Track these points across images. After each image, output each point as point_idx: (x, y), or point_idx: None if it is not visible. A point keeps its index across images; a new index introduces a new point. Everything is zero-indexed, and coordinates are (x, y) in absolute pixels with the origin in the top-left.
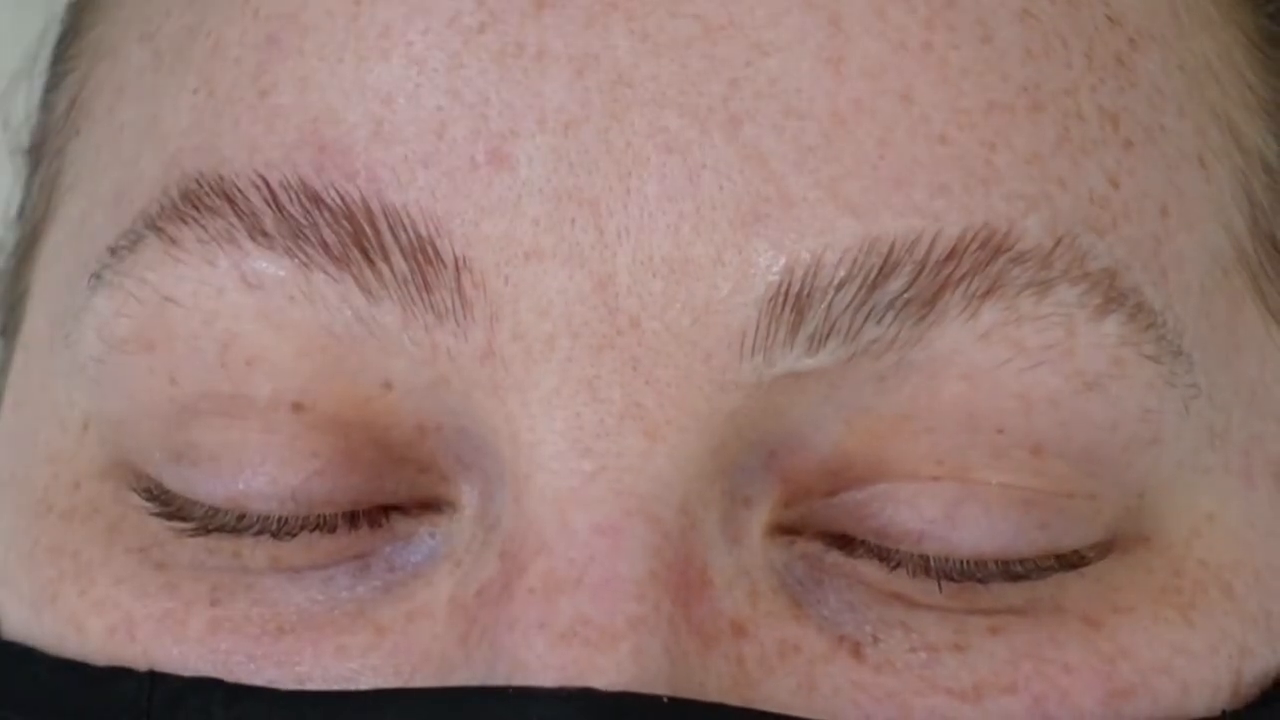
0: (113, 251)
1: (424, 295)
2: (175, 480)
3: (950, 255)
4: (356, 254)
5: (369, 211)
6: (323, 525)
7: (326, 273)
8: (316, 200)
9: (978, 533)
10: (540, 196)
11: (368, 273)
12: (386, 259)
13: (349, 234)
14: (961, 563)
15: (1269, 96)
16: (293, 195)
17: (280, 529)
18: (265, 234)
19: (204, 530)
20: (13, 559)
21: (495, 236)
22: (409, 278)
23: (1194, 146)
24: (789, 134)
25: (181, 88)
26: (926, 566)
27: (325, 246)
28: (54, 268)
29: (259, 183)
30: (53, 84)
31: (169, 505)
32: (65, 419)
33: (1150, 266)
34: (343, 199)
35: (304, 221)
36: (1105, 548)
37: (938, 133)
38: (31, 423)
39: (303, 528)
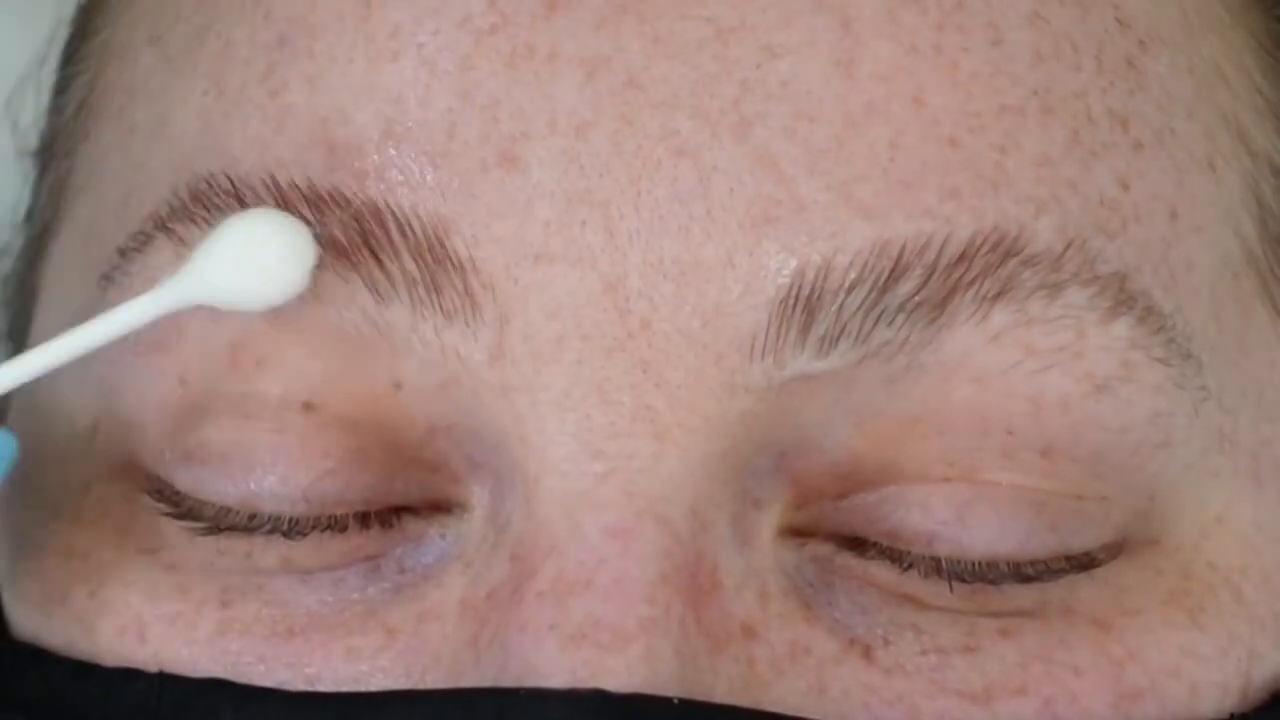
0: (122, 253)
1: (433, 296)
2: (186, 480)
3: (961, 258)
4: (365, 254)
5: (378, 211)
6: (334, 525)
7: (335, 272)
8: (326, 200)
9: (989, 534)
10: (551, 199)
11: (376, 272)
12: (396, 258)
13: (358, 233)
14: (973, 564)
15: (1278, 99)
16: (302, 195)
17: (291, 529)
18: None
19: (215, 530)
20: (23, 561)
21: (505, 238)
22: (418, 278)
23: (1203, 150)
24: (800, 136)
25: (191, 89)
26: (938, 568)
27: (334, 245)
28: (63, 270)
29: (269, 182)
30: (61, 87)
31: (179, 506)
32: (74, 420)
33: (1160, 270)
34: (351, 200)
35: (313, 221)
36: (1115, 549)
37: (948, 135)
38: (40, 425)
39: (314, 528)
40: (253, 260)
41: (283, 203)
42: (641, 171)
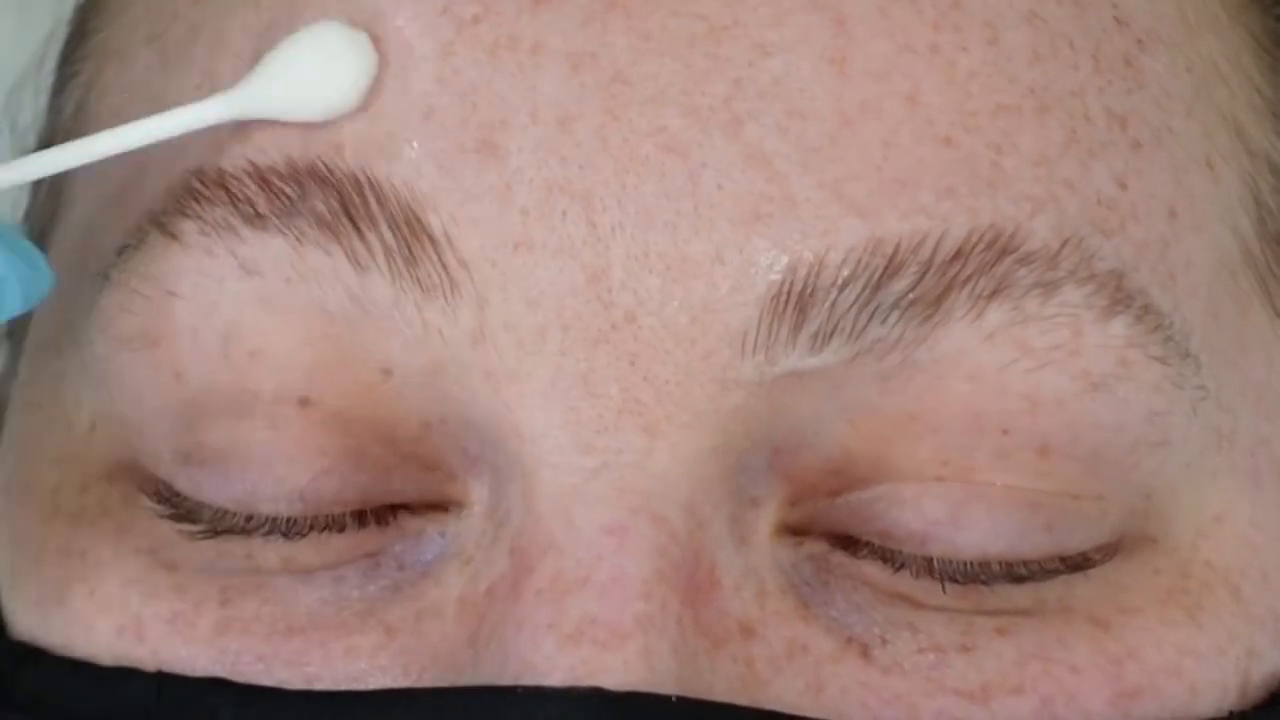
0: (119, 251)
1: (410, 268)
2: (185, 482)
3: (956, 256)
4: (346, 222)
5: (356, 181)
6: (332, 525)
7: (318, 245)
8: (304, 175)
9: (982, 534)
10: (530, 186)
11: (357, 243)
12: (374, 228)
13: (338, 202)
14: (965, 564)
15: (1276, 98)
16: (281, 174)
17: (290, 529)
18: (259, 216)
19: (213, 533)
20: (21, 561)
21: (483, 221)
22: (394, 249)
23: (1201, 149)
24: (792, 134)
25: (185, 86)
26: (930, 568)
27: (316, 218)
28: (61, 268)
29: (250, 169)
30: (59, 87)
31: (179, 508)
32: (73, 420)
33: (1158, 268)
34: (330, 171)
35: (294, 196)
36: (1111, 550)
37: (943, 135)
38: (39, 425)
39: (312, 527)
40: (308, 70)
41: (265, 186)
42: (627, 166)
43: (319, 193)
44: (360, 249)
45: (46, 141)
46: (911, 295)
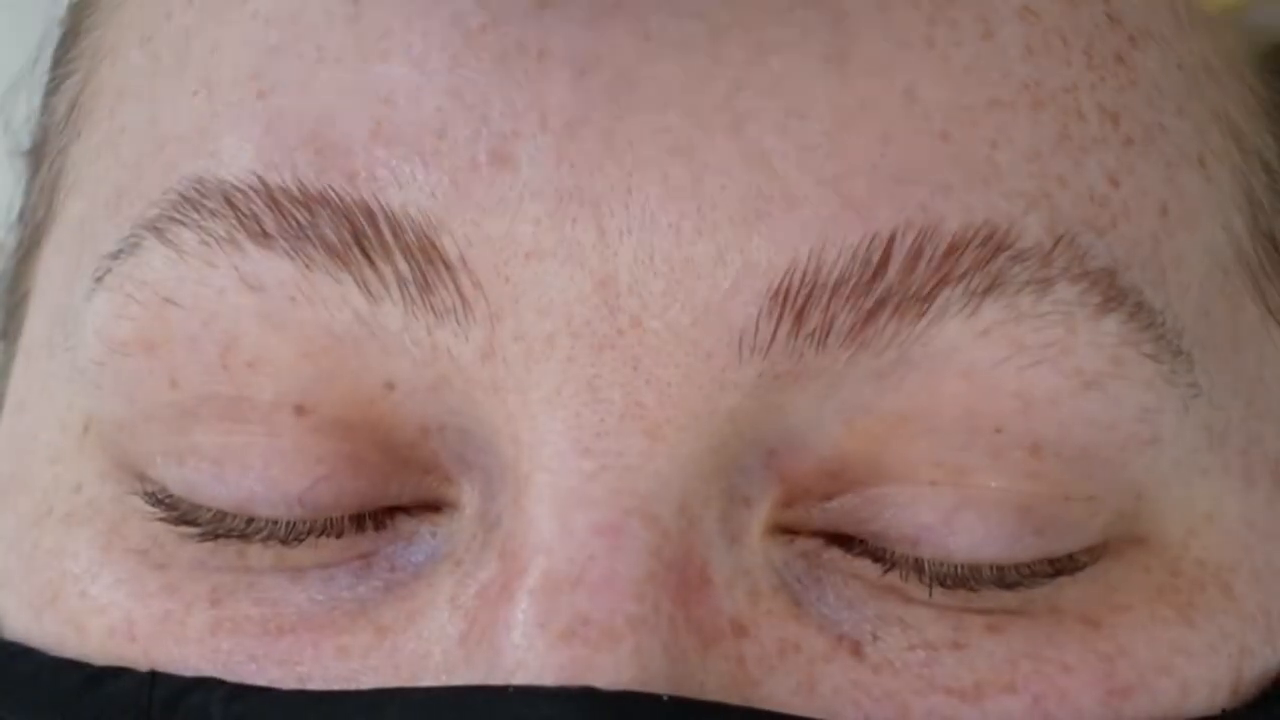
0: (113, 255)
1: (425, 295)
2: (179, 484)
3: (950, 251)
4: (357, 254)
5: (369, 212)
6: (330, 530)
7: (328, 273)
8: (317, 202)
9: (974, 538)
10: (541, 196)
11: (369, 273)
12: (388, 259)
13: (350, 234)
14: (956, 568)
15: (1268, 96)
16: (293, 197)
17: (289, 534)
18: (266, 235)
19: (212, 536)
20: (13, 561)
21: (496, 236)
22: (409, 278)
23: (1194, 146)
24: (792, 133)
25: (181, 90)
26: (921, 569)
27: (326, 246)
28: (55, 270)
29: (259, 186)
30: (53, 87)
31: (175, 509)
32: (66, 421)
33: (1149, 266)
34: (342, 200)
35: (304, 222)
36: (1099, 551)
37: (939, 129)
38: (32, 425)
39: (310, 532)
40: None
41: (274, 207)
42: (633, 169)
43: (330, 221)
44: (372, 278)
45: (40, 140)
46: (907, 292)
